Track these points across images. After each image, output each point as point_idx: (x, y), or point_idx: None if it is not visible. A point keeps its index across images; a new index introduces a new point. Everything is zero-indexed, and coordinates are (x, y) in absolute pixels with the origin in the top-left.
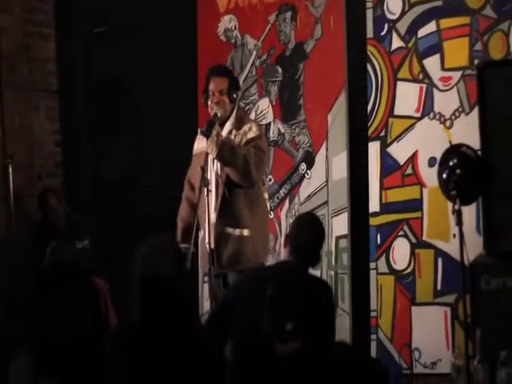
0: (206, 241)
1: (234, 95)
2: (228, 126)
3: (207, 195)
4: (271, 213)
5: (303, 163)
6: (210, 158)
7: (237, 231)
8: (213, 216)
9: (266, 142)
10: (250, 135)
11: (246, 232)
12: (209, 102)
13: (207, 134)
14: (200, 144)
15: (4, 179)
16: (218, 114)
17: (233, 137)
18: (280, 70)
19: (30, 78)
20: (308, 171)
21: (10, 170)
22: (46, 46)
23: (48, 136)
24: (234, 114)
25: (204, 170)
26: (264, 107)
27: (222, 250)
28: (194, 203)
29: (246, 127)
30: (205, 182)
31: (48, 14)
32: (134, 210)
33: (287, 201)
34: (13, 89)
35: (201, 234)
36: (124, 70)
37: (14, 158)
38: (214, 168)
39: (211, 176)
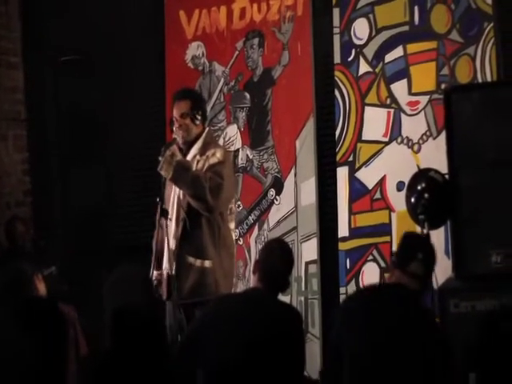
0: (164, 266)
1: (198, 116)
2: (194, 150)
3: (166, 225)
4: (240, 239)
5: (272, 189)
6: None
7: (198, 262)
8: (172, 243)
9: (231, 169)
10: (213, 161)
11: (207, 263)
12: (174, 129)
13: (162, 155)
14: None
15: None
16: (177, 138)
17: (196, 162)
18: (248, 96)
19: None
20: (277, 197)
21: None
22: (14, 75)
23: (16, 165)
24: (203, 137)
25: (162, 199)
26: (232, 133)
27: (182, 281)
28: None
29: (209, 152)
30: (162, 212)
31: (15, 42)
32: (103, 238)
33: (256, 227)
34: None
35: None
36: (92, 98)
37: None
38: (176, 193)
39: (173, 201)
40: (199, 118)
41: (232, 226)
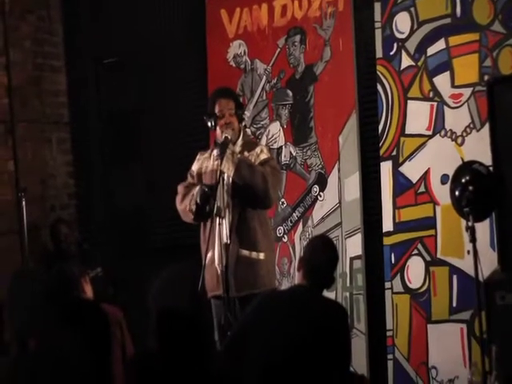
0: (216, 262)
1: (242, 116)
2: (238, 146)
3: (220, 223)
4: (285, 236)
5: (316, 185)
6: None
7: (253, 254)
8: (225, 237)
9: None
10: (263, 156)
11: (261, 255)
12: (218, 125)
13: (222, 154)
14: (204, 163)
15: (18, 212)
16: (229, 137)
17: None
18: (290, 93)
19: (41, 111)
20: (321, 193)
21: (24, 203)
22: (57, 79)
23: (60, 168)
24: (242, 136)
25: (215, 197)
26: (275, 131)
27: (238, 274)
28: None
29: (258, 149)
30: (218, 211)
31: (57, 46)
32: (146, 239)
33: (300, 224)
34: (25, 122)
35: (208, 254)
36: (135, 99)
37: (28, 191)
38: (224, 189)
39: (224, 199)
40: (243, 118)
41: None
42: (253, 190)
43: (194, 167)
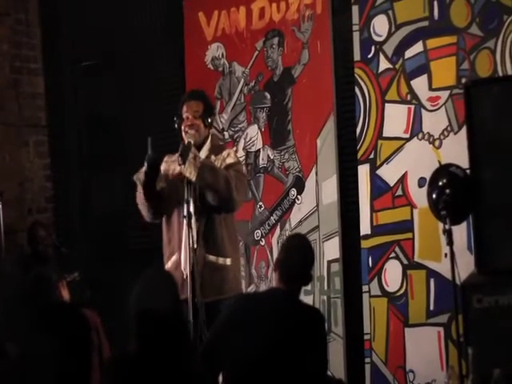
0: (183, 267)
1: (209, 120)
2: (204, 151)
3: (188, 224)
4: (262, 240)
5: (293, 188)
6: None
7: (220, 260)
8: (190, 242)
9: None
10: (229, 160)
11: (228, 261)
12: (182, 127)
13: (184, 159)
14: (172, 166)
15: None
16: (192, 141)
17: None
18: (268, 96)
19: (19, 114)
20: (298, 196)
21: (0, 206)
22: (35, 81)
23: (38, 171)
24: (210, 139)
25: (188, 202)
26: (253, 134)
27: (205, 279)
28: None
29: (224, 153)
30: (189, 214)
31: (35, 49)
32: (123, 243)
33: (278, 227)
34: (2, 125)
35: (173, 257)
36: (113, 102)
37: (5, 194)
38: (191, 193)
39: (188, 202)
40: (209, 121)
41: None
42: (216, 193)
43: (161, 169)
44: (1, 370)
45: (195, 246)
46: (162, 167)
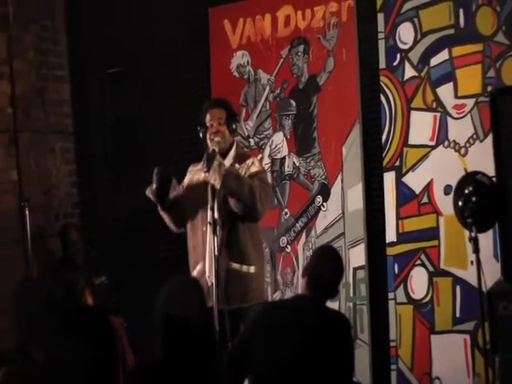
0: (207, 274)
1: (233, 126)
2: (229, 159)
3: (214, 232)
4: (288, 247)
5: (319, 196)
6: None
7: (244, 268)
8: (215, 250)
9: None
10: (254, 169)
11: (252, 269)
12: (207, 135)
13: (209, 166)
14: (196, 176)
15: (21, 222)
16: (216, 149)
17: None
18: (294, 103)
19: (45, 121)
20: (324, 203)
21: (27, 212)
22: (61, 88)
23: (64, 178)
24: (235, 147)
25: (213, 208)
26: (278, 141)
27: (229, 287)
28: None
29: (249, 161)
30: (214, 220)
31: (61, 56)
32: (150, 248)
33: (304, 234)
34: (28, 132)
35: (198, 266)
36: (138, 109)
37: (31, 201)
38: (216, 200)
39: (212, 209)
40: (234, 127)
41: None
42: (240, 202)
43: (186, 179)
44: (27, 375)
45: (217, 253)
46: (186, 178)
